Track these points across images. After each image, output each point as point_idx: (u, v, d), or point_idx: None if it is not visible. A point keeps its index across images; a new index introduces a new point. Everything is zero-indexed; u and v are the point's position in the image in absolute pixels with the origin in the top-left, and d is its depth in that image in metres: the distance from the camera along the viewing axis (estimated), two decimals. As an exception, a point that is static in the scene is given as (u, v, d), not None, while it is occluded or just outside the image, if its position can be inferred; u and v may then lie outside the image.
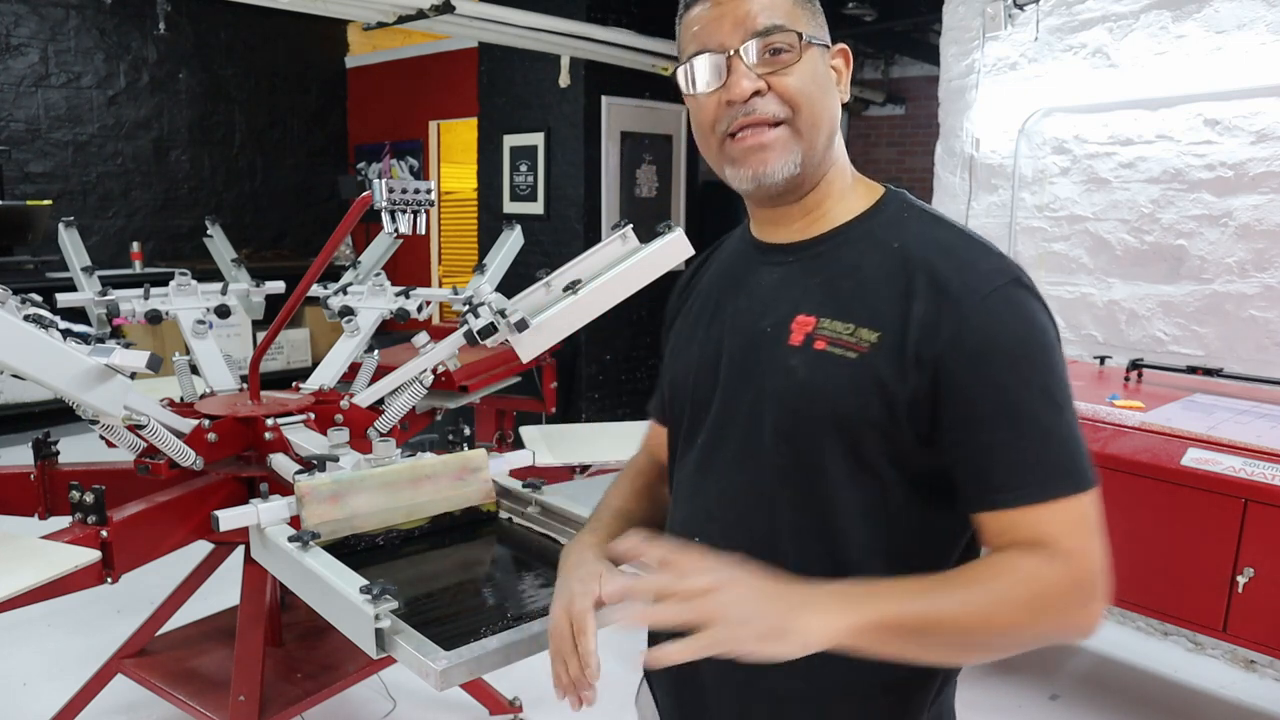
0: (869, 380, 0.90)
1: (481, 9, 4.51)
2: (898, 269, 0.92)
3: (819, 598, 0.84)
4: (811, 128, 0.96)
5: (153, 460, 1.96)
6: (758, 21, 0.94)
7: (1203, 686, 3.02)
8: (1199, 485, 2.15)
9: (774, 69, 0.94)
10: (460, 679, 1.28)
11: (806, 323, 0.96)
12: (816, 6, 1.00)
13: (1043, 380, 0.88)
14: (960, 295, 0.88)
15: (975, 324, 0.88)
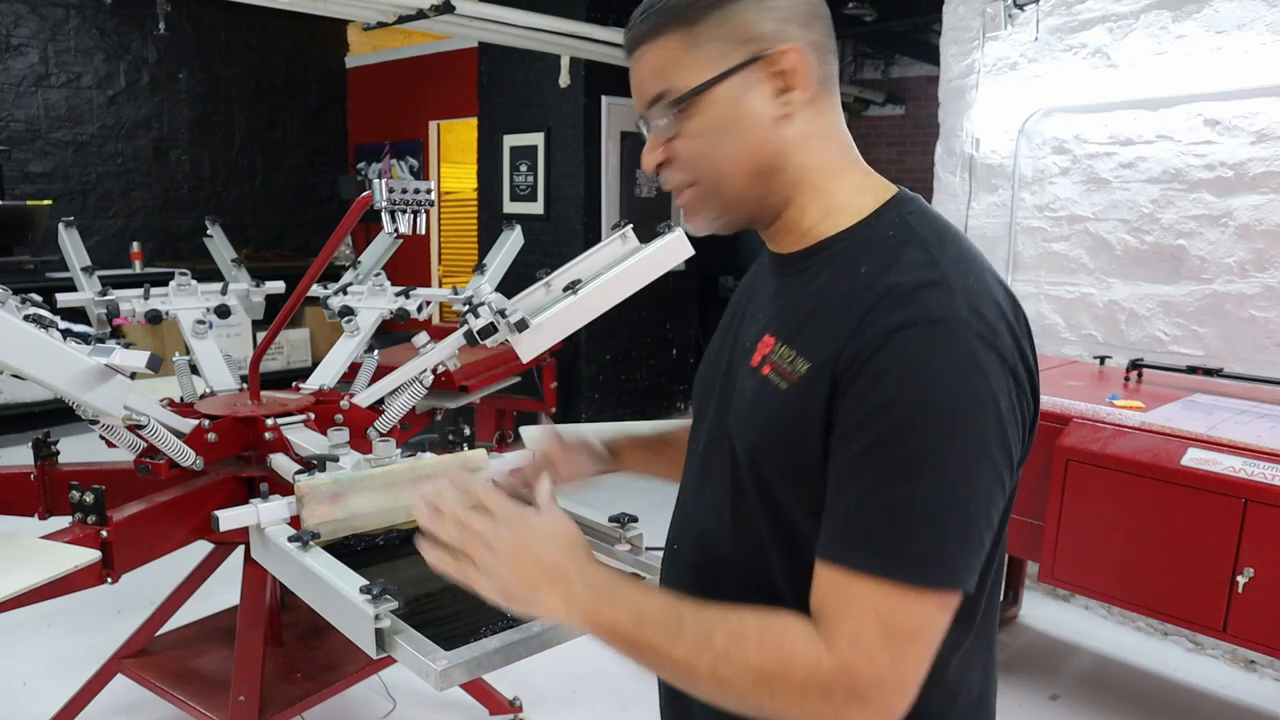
0: (790, 413, 0.83)
1: (481, 9, 4.51)
2: (858, 295, 0.81)
3: (563, 582, 0.84)
4: (714, 187, 0.90)
5: (153, 460, 1.96)
6: (647, 88, 0.90)
7: (1203, 686, 3.02)
8: (1199, 485, 2.15)
9: (674, 134, 0.90)
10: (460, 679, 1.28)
11: (767, 344, 0.89)
12: (716, 30, 0.86)
13: (915, 445, 0.74)
14: (876, 333, 0.77)
15: (872, 367, 0.76)
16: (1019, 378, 0.78)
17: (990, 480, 0.76)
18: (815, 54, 0.87)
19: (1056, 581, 2.45)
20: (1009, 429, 0.76)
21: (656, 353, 6.08)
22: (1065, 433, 2.41)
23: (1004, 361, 0.76)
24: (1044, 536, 2.44)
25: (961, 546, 0.75)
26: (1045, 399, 2.55)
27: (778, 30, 0.85)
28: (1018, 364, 0.78)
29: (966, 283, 0.79)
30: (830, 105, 0.90)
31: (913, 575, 0.74)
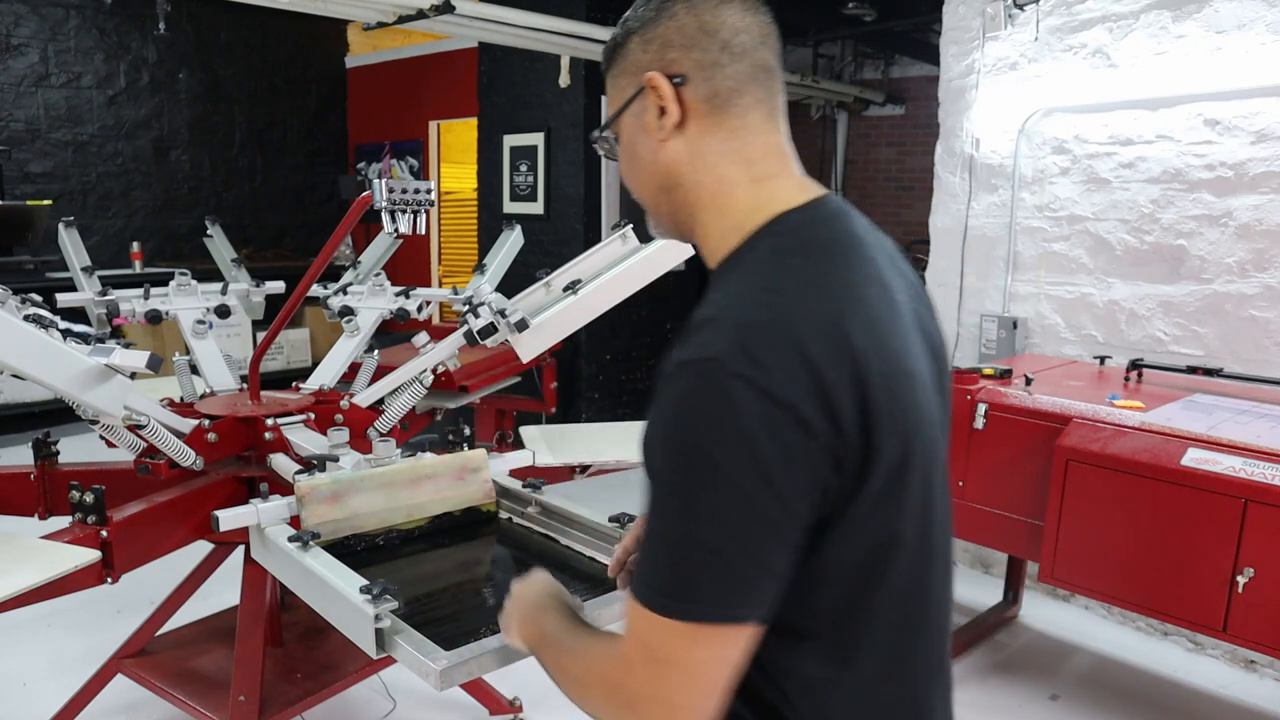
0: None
1: (481, 9, 4.51)
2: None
3: (518, 610, 1.08)
4: (641, 203, 1.00)
5: (153, 460, 1.97)
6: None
7: (1203, 686, 3.02)
8: (1199, 485, 2.15)
9: (615, 159, 1.02)
10: (460, 679, 1.28)
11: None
12: (621, 67, 0.96)
13: (669, 481, 0.78)
14: (665, 369, 0.80)
15: (653, 403, 0.80)
16: (802, 415, 0.75)
17: (748, 518, 0.76)
18: (696, 74, 0.90)
19: (1056, 581, 2.45)
20: (775, 467, 0.75)
21: (656, 353, 6.08)
22: (1065, 433, 2.41)
23: (771, 399, 0.74)
24: (1044, 536, 2.44)
25: (711, 582, 0.77)
26: (1046, 399, 2.56)
27: (654, 59, 0.92)
28: (803, 402, 0.75)
29: (754, 319, 0.78)
30: (728, 122, 0.91)
31: (660, 606, 0.78)
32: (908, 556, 0.87)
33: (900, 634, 0.90)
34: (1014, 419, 2.58)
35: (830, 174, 7.67)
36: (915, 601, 0.90)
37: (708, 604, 0.77)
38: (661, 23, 0.92)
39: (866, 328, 0.81)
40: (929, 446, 0.87)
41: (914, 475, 0.85)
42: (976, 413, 2.62)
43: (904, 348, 0.85)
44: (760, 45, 0.92)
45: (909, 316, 0.91)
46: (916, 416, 0.84)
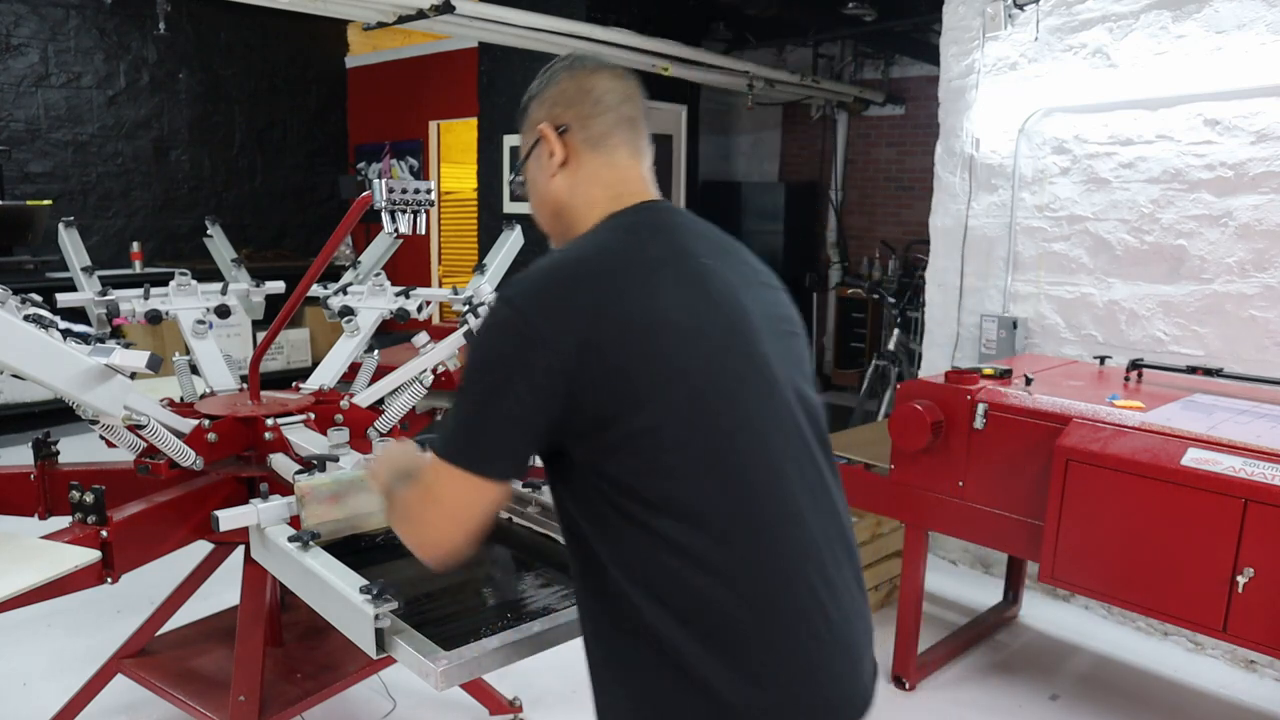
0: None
1: (481, 9, 4.51)
2: None
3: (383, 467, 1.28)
4: (540, 223, 1.34)
5: (153, 460, 1.97)
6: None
7: (1203, 686, 3.03)
8: (1199, 485, 2.14)
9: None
10: (460, 679, 1.28)
11: None
12: (524, 124, 1.32)
13: (465, 372, 1.13)
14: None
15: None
16: (535, 336, 1.05)
17: (494, 403, 1.07)
18: (575, 122, 1.24)
19: (1056, 581, 2.45)
20: (516, 371, 1.06)
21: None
22: (1065, 433, 2.41)
23: (524, 320, 1.06)
24: (1044, 536, 2.44)
25: (467, 443, 1.10)
26: (1046, 399, 2.56)
27: (546, 115, 1.27)
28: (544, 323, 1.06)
29: (523, 285, 1.11)
30: (600, 157, 1.24)
31: (439, 452, 1.11)
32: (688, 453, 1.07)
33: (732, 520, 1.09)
34: (1014, 419, 2.58)
35: (830, 174, 7.67)
36: (740, 491, 1.10)
37: (463, 457, 1.09)
38: (551, 88, 1.27)
39: (633, 283, 1.10)
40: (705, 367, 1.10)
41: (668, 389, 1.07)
42: (976, 413, 2.62)
43: (674, 299, 1.11)
44: (624, 102, 1.26)
45: (720, 283, 1.16)
46: (671, 346, 1.08)
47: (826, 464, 1.21)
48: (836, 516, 1.20)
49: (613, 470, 1.08)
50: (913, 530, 2.88)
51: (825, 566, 1.14)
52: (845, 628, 1.15)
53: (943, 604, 3.58)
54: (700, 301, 1.13)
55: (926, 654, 3.06)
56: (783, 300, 1.27)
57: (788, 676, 1.09)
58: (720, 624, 1.07)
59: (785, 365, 1.19)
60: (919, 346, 4.31)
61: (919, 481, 2.80)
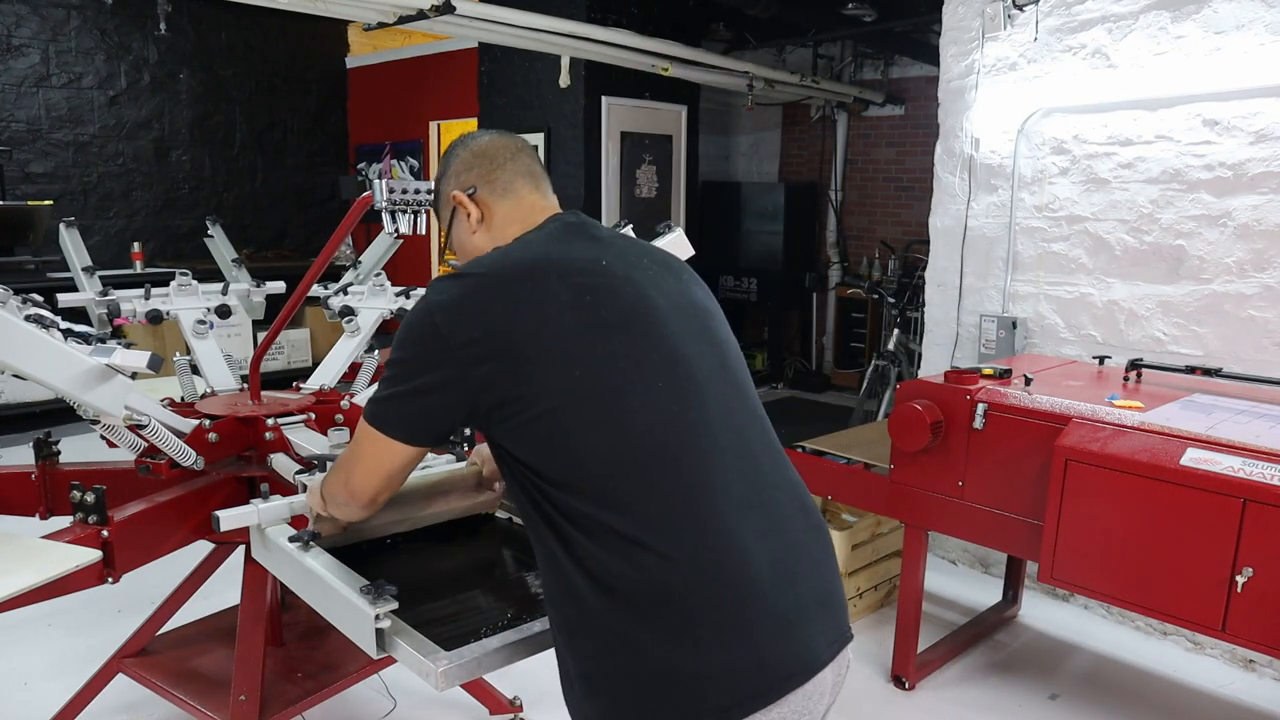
0: None
1: (481, 9, 4.52)
2: None
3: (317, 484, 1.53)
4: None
5: (154, 460, 1.97)
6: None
7: (1202, 686, 3.03)
8: (1198, 485, 2.15)
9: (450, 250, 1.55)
10: (461, 679, 1.28)
11: None
12: (438, 201, 1.51)
13: (393, 347, 1.29)
14: None
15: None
16: (443, 339, 1.22)
17: (406, 382, 1.25)
18: (480, 183, 1.43)
19: (1056, 581, 2.45)
20: (423, 354, 1.24)
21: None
22: (1065, 433, 2.41)
23: (433, 312, 1.23)
24: (1043, 536, 2.44)
25: (386, 409, 1.29)
26: (1045, 399, 2.56)
27: (455, 185, 1.45)
28: (448, 314, 1.23)
29: (439, 293, 1.25)
30: (506, 202, 1.42)
31: (366, 413, 1.31)
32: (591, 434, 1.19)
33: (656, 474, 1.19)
34: (1013, 419, 2.58)
35: (830, 174, 7.67)
36: (667, 448, 1.20)
37: (378, 421, 1.29)
38: (453, 163, 1.46)
39: (531, 282, 1.24)
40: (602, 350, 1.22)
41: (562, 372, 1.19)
42: (976, 413, 2.63)
43: (568, 293, 1.23)
44: (517, 155, 1.45)
45: (621, 271, 1.30)
46: (567, 333, 1.21)
47: (759, 440, 1.31)
48: (768, 474, 1.29)
49: (523, 454, 1.21)
50: (912, 530, 2.89)
51: (756, 528, 1.21)
52: (787, 591, 1.20)
53: (942, 604, 3.58)
54: (597, 291, 1.25)
55: (926, 654, 3.06)
56: (691, 288, 1.40)
57: (729, 640, 1.14)
58: (654, 597, 1.14)
59: (697, 343, 1.30)
60: (919, 346, 4.31)
61: (919, 481, 2.81)
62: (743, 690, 1.13)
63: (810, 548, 1.28)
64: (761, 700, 1.14)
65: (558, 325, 1.21)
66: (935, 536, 3.75)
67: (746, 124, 8.21)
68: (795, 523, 1.27)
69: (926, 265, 4.03)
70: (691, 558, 1.16)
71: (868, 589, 3.44)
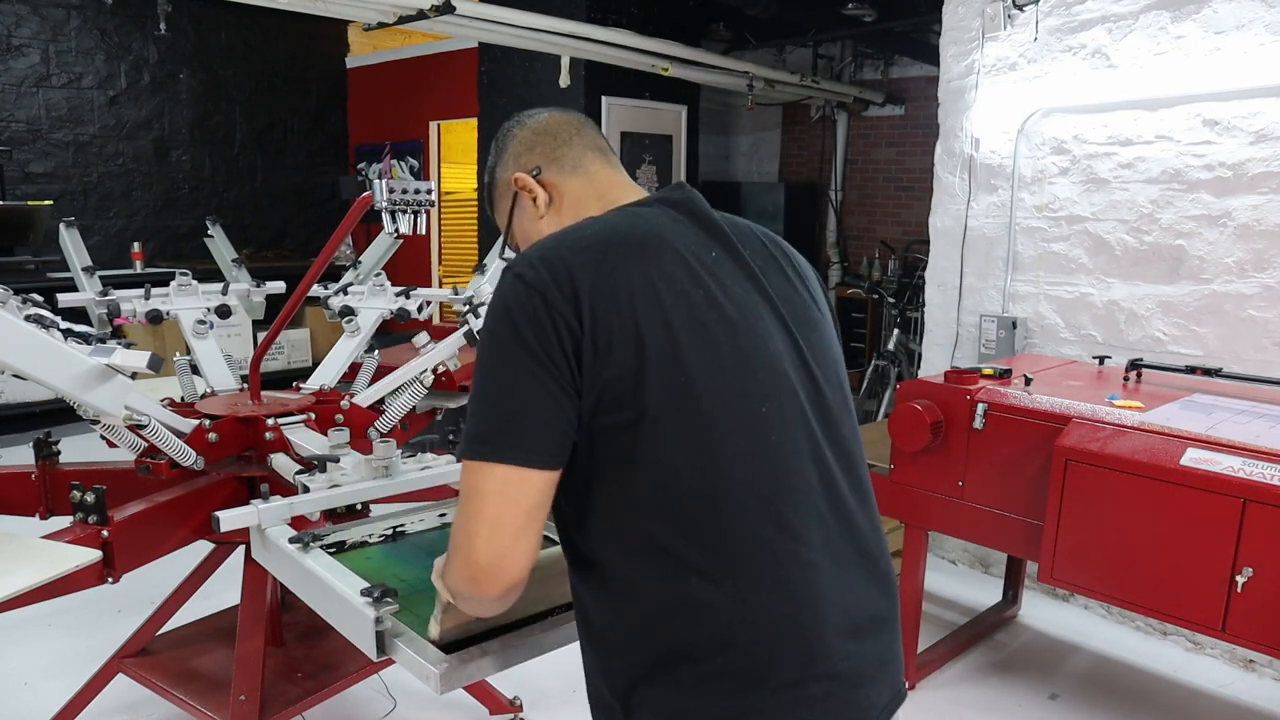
0: None
1: (481, 9, 4.51)
2: None
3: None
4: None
5: (154, 460, 1.97)
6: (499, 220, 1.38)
7: (1202, 686, 3.03)
8: (1198, 485, 2.15)
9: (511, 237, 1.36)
10: (461, 682, 1.28)
11: None
12: (497, 187, 1.33)
13: (478, 358, 1.05)
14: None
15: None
16: (548, 296, 1.00)
17: (516, 374, 1.00)
18: (545, 162, 1.26)
19: (1056, 581, 2.45)
20: (526, 333, 1.00)
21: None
22: (1065, 433, 2.41)
23: (528, 286, 1.01)
24: (1043, 536, 2.44)
25: (495, 429, 1.00)
26: (1045, 399, 2.56)
27: (515, 168, 1.28)
28: (549, 288, 1.01)
29: (544, 244, 1.08)
30: (576, 179, 1.26)
31: (465, 451, 1.01)
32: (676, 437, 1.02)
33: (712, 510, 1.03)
34: (1013, 419, 2.58)
35: (830, 174, 7.67)
36: (758, 483, 1.05)
37: (491, 445, 0.99)
38: (510, 145, 1.30)
39: (619, 264, 1.04)
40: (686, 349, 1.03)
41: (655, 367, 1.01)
42: (976, 413, 2.63)
43: (644, 285, 1.04)
44: (581, 130, 1.29)
45: (730, 266, 1.13)
46: (652, 327, 1.02)
47: (851, 483, 1.15)
48: (850, 519, 1.14)
49: (601, 450, 1.03)
50: (912, 530, 2.89)
51: (836, 583, 1.09)
52: (853, 655, 1.10)
53: (942, 604, 3.58)
54: (709, 287, 1.08)
55: (926, 654, 3.06)
56: (800, 291, 1.21)
57: (788, 700, 1.05)
58: (719, 643, 1.03)
59: (801, 366, 1.14)
60: (919, 346, 4.31)
61: (918, 481, 2.81)
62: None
63: (883, 601, 1.17)
64: None
65: (668, 318, 1.03)
66: (935, 536, 3.75)
67: (746, 124, 8.21)
68: (871, 575, 1.16)
69: (926, 265, 4.03)
70: (769, 607, 1.04)
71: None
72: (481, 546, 1.00)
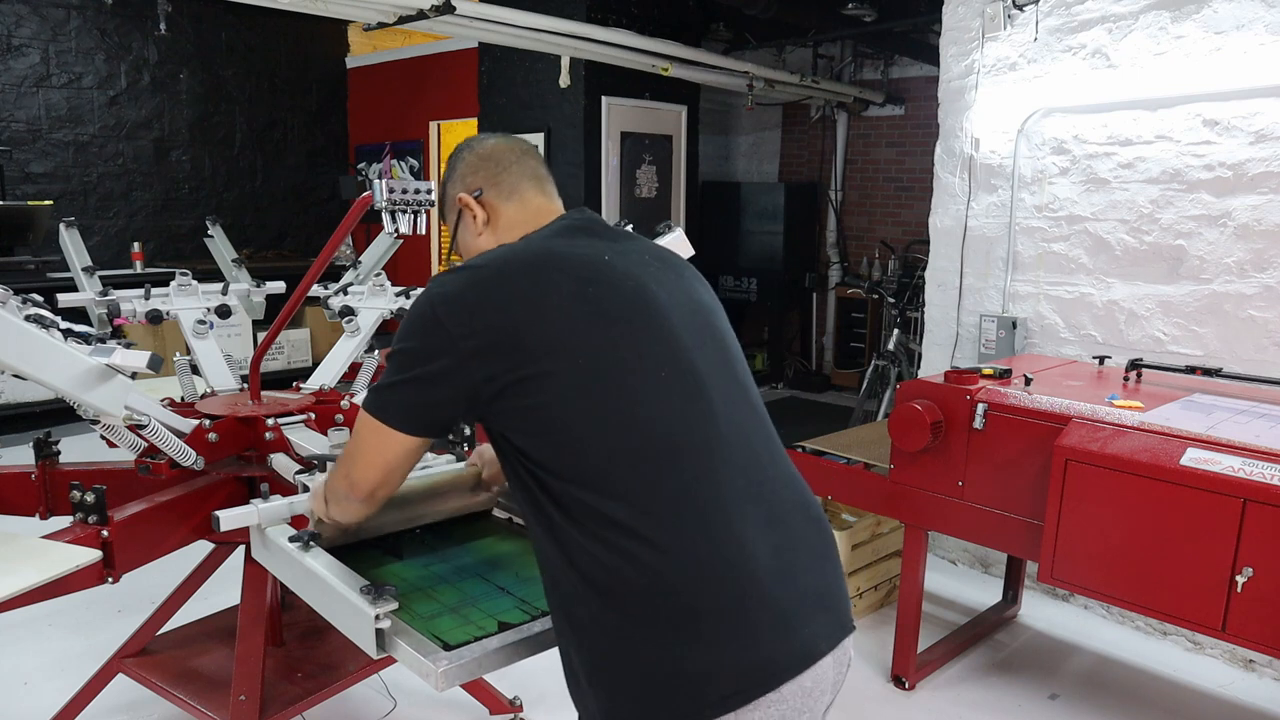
0: None
1: (481, 9, 4.52)
2: None
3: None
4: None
5: (154, 460, 1.97)
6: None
7: (1202, 686, 3.03)
8: (1198, 485, 2.15)
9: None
10: (461, 679, 1.28)
11: None
12: (444, 205, 1.52)
13: (399, 332, 1.29)
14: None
15: None
16: (444, 335, 1.22)
17: (408, 369, 1.25)
18: (486, 185, 1.44)
19: (1056, 581, 2.45)
20: (426, 343, 1.24)
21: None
22: (1065, 433, 2.41)
23: (429, 326, 1.24)
24: (1043, 536, 2.44)
25: (388, 399, 1.27)
26: (1045, 399, 2.56)
27: (461, 188, 1.46)
28: (447, 331, 1.22)
29: (447, 277, 1.27)
30: (512, 204, 1.44)
31: (365, 403, 1.29)
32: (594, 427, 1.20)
33: (654, 467, 1.19)
34: (1013, 419, 2.58)
35: (830, 174, 7.67)
36: (669, 439, 1.21)
37: (379, 411, 1.27)
38: (459, 166, 1.47)
39: (536, 279, 1.24)
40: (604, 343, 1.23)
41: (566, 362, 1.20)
42: (976, 413, 2.63)
43: (572, 287, 1.24)
44: (522, 158, 1.46)
45: (623, 266, 1.31)
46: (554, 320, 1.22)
47: (760, 435, 1.32)
48: (768, 468, 1.30)
49: (524, 444, 1.22)
50: (912, 530, 2.89)
51: (757, 521, 1.23)
52: (788, 585, 1.22)
53: (942, 604, 3.58)
54: (599, 284, 1.26)
55: (926, 653, 3.06)
56: (693, 284, 1.41)
57: (728, 634, 1.15)
58: (654, 591, 1.15)
59: (699, 338, 1.31)
60: (919, 346, 4.31)
61: (919, 481, 2.81)
62: (742, 683, 1.15)
63: (811, 540, 1.29)
64: (760, 691, 1.15)
65: (559, 316, 1.22)
66: (935, 536, 3.75)
67: (746, 124, 8.21)
68: (796, 516, 1.29)
69: (926, 265, 4.03)
70: (691, 551, 1.17)
71: (868, 589, 3.44)
72: (359, 470, 1.32)
